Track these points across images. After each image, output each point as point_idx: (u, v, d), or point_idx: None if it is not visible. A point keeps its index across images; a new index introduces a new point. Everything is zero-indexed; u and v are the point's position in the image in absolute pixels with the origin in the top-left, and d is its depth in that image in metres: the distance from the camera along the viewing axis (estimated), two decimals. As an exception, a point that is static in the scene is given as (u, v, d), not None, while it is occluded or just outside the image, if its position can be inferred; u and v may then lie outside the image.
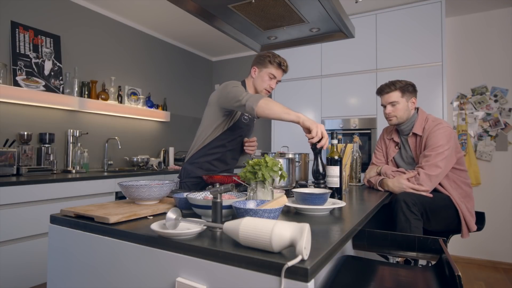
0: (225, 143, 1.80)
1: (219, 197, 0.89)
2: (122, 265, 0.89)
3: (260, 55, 1.86)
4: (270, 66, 1.80)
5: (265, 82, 1.82)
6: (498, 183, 3.21)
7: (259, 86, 1.85)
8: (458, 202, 1.77)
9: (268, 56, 1.81)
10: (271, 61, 1.80)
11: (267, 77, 1.82)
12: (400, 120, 1.92)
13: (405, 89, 1.90)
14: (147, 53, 3.96)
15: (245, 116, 1.86)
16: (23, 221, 2.15)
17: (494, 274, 2.99)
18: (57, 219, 1.06)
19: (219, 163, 1.84)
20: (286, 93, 3.78)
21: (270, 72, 1.81)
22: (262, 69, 1.82)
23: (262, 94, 1.84)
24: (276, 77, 1.83)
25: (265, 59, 1.82)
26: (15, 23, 2.67)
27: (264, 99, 1.47)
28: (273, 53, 1.84)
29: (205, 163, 1.81)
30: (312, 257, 0.68)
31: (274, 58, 1.80)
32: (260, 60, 1.84)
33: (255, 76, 1.85)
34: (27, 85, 2.66)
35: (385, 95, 1.93)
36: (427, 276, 1.07)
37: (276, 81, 1.85)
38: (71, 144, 2.95)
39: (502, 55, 3.24)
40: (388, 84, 1.93)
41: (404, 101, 1.90)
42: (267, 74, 1.81)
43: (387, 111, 1.93)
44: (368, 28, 3.30)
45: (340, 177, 1.42)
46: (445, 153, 1.73)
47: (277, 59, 1.80)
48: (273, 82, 1.84)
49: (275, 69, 1.81)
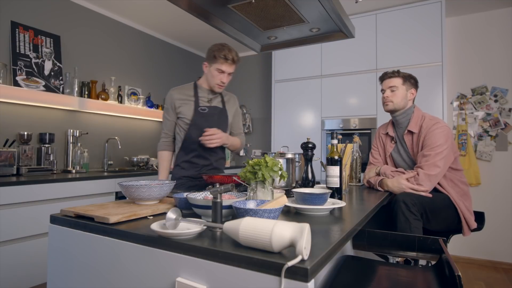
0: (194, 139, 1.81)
1: (219, 197, 0.89)
2: (122, 265, 0.89)
3: (209, 49, 1.80)
4: (217, 60, 1.75)
5: (215, 77, 1.80)
6: (498, 183, 3.21)
7: (211, 82, 1.83)
8: (457, 200, 1.77)
9: (214, 50, 1.76)
10: (217, 55, 1.75)
11: (216, 72, 1.78)
12: (396, 106, 1.92)
13: (407, 79, 1.94)
14: (147, 53, 3.96)
15: (202, 107, 1.84)
16: (23, 221, 2.15)
17: (494, 274, 2.99)
18: (57, 219, 1.06)
19: (198, 159, 1.86)
20: (286, 93, 3.78)
21: (218, 67, 1.77)
22: (212, 64, 1.78)
23: (215, 89, 1.85)
24: (225, 71, 1.78)
25: (212, 53, 1.77)
26: (15, 23, 2.67)
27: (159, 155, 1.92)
28: (221, 46, 1.77)
29: (185, 162, 1.87)
30: (312, 257, 0.68)
31: (220, 52, 1.74)
32: (209, 55, 1.79)
33: (206, 71, 1.84)
34: (27, 85, 2.66)
35: (387, 79, 1.97)
36: (427, 276, 1.07)
37: (227, 75, 1.81)
38: (71, 144, 2.95)
39: (502, 55, 3.24)
40: (392, 71, 1.98)
41: (404, 89, 1.92)
42: (216, 69, 1.78)
43: (385, 94, 1.96)
44: (368, 28, 3.30)
45: (340, 177, 1.42)
46: (444, 153, 1.73)
47: (223, 52, 1.74)
48: (224, 77, 1.80)
49: (222, 63, 1.76)
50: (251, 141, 4.64)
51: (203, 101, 1.87)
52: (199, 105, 1.84)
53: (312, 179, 1.45)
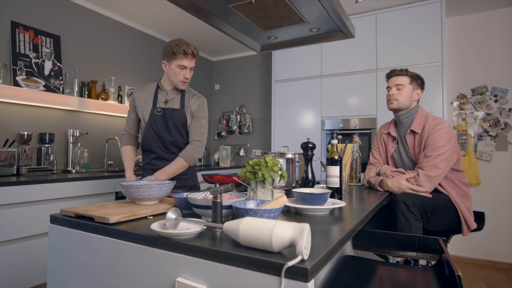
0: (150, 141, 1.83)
1: (219, 197, 0.89)
2: (122, 265, 0.89)
3: (165, 47, 1.77)
4: (176, 57, 1.72)
5: (177, 74, 1.76)
6: (498, 183, 3.21)
7: (174, 79, 1.78)
8: (457, 201, 1.77)
9: (172, 47, 1.72)
10: (175, 51, 1.71)
11: (178, 69, 1.74)
12: (400, 105, 1.90)
13: (415, 78, 1.92)
14: (147, 53, 3.96)
15: (158, 108, 1.82)
16: (23, 221, 2.15)
17: (494, 274, 2.99)
18: (57, 219, 1.06)
19: (157, 161, 1.86)
20: (286, 93, 3.78)
21: (179, 63, 1.73)
22: (171, 61, 1.74)
23: (179, 86, 1.81)
24: (186, 66, 1.74)
25: (170, 50, 1.73)
26: (15, 23, 2.67)
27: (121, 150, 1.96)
28: (178, 41, 1.73)
29: (147, 165, 1.90)
30: (312, 257, 0.68)
31: (178, 47, 1.71)
32: (167, 53, 1.75)
33: (167, 70, 1.79)
34: (27, 85, 2.66)
35: (394, 77, 1.94)
36: (427, 276, 1.07)
37: (189, 70, 1.77)
38: (71, 144, 2.95)
39: (502, 55, 3.24)
40: (400, 69, 1.96)
41: (410, 88, 1.90)
42: (177, 66, 1.74)
43: (391, 92, 1.93)
44: (368, 28, 3.30)
45: (340, 177, 1.42)
46: (446, 154, 1.72)
47: (181, 47, 1.71)
48: (186, 72, 1.76)
49: (182, 59, 1.72)
50: (251, 141, 4.64)
51: (160, 102, 1.84)
52: (156, 106, 1.82)
53: (312, 179, 1.45)
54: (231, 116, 4.75)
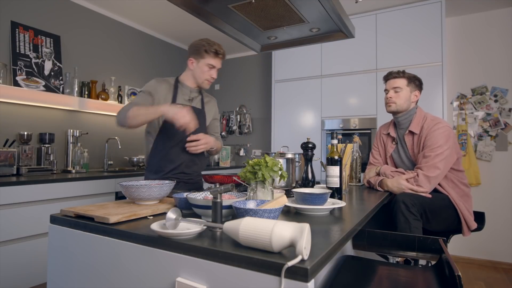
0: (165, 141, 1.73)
1: (219, 197, 0.89)
2: (122, 265, 0.89)
3: (195, 44, 1.75)
4: (207, 55, 1.72)
5: (205, 73, 1.75)
6: (498, 183, 3.21)
7: (199, 78, 1.77)
8: (457, 201, 1.77)
9: (204, 46, 1.71)
10: (207, 50, 1.71)
11: (206, 68, 1.74)
12: (398, 108, 1.91)
13: (412, 80, 1.91)
14: (147, 53, 3.96)
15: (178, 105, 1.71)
16: (23, 221, 2.15)
17: (494, 274, 2.99)
18: (57, 219, 1.06)
19: (165, 162, 1.74)
20: (286, 93, 3.78)
21: (208, 62, 1.73)
22: (200, 59, 1.74)
23: (204, 85, 1.80)
24: (215, 66, 1.75)
25: (201, 48, 1.72)
26: (15, 23, 2.67)
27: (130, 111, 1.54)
28: (208, 40, 1.74)
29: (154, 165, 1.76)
30: (312, 257, 0.68)
31: (210, 46, 1.71)
32: (196, 50, 1.74)
33: (193, 68, 1.77)
34: (27, 85, 2.66)
35: (391, 80, 1.94)
36: (427, 276, 1.07)
37: (216, 70, 1.78)
38: (71, 144, 2.95)
39: (502, 55, 3.24)
40: (397, 71, 1.94)
41: (408, 90, 1.90)
42: (206, 64, 1.73)
43: (388, 95, 1.93)
44: (368, 28, 3.30)
45: (340, 177, 1.42)
46: (445, 154, 1.72)
47: (213, 47, 1.71)
48: (213, 72, 1.76)
49: (212, 58, 1.73)
50: (251, 141, 4.64)
51: (182, 99, 1.79)
52: (176, 102, 1.75)
53: (312, 179, 1.45)
54: (231, 116, 4.75)
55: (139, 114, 1.54)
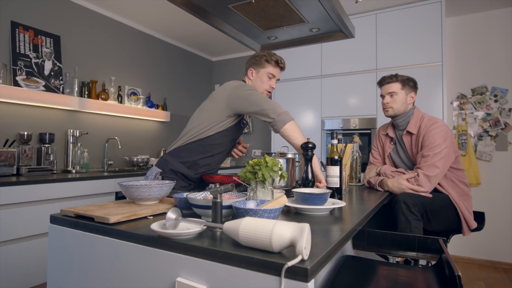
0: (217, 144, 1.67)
1: (219, 197, 0.89)
2: (122, 265, 0.89)
3: (255, 55, 1.78)
4: (268, 65, 1.74)
5: (265, 83, 1.76)
6: (498, 183, 3.21)
7: (259, 87, 1.77)
8: (457, 200, 1.77)
9: (265, 56, 1.74)
10: (269, 60, 1.73)
11: (266, 77, 1.76)
12: (396, 112, 1.92)
13: (406, 82, 1.92)
14: (147, 53, 3.96)
15: (244, 121, 1.75)
16: (23, 221, 2.15)
17: (494, 274, 2.99)
18: (57, 219, 1.06)
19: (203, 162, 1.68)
20: (286, 93, 3.78)
21: (269, 72, 1.75)
22: (260, 69, 1.75)
23: (264, 95, 1.75)
24: (275, 76, 1.78)
25: (262, 58, 1.75)
26: (15, 23, 2.67)
27: (292, 123, 1.53)
28: (269, 51, 1.77)
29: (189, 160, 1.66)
30: (312, 257, 0.68)
31: (271, 56, 1.73)
32: (257, 61, 1.76)
33: (253, 78, 1.78)
34: (27, 85, 2.66)
35: (386, 85, 1.96)
36: (427, 276, 1.07)
37: (275, 80, 1.80)
38: (71, 144, 2.95)
39: (502, 55, 3.24)
40: (390, 75, 1.96)
41: (403, 93, 1.91)
42: (266, 74, 1.75)
43: (385, 101, 1.95)
44: (368, 28, 3.30)
45: (340, 177, 1.42)
46: (443, 153, 1.73)
47: (274, 57, 1.74)
48: (273, 82, 1.79)
49: (273, 68, 1.75)
50: (251, 141, 4.64)
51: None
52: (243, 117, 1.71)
53: (312, 179, 1.44)
54: (231, 116, 4.75)
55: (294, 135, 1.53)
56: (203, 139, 1.64)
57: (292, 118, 1.55)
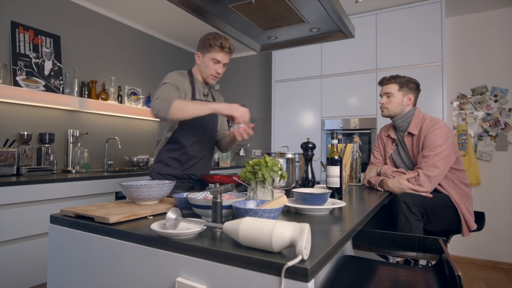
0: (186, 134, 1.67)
1: (219, 197, 0.89)
2: (122, 265, 0.89)
3: (202, 38, 1.69)
4: (212, 49, 1.64)
5: (209, 67, 1.67)
6: (498, 183, 3.21)
7: (204, 73, 1.71)
8: (457, 201, 1.77)
9: (209, 39, 1.64)
10: (212, 43, 1.63)
11: (211, 62, 1.67)
12: (391, 112, 1.94)
13: (405, 84, 1.93)
14: (147, 53, 3.96)
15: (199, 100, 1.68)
16: (23, 221, 2.15)
17: (494, 274, 2.99)
18: (57, 219, 1.06)
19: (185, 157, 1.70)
20: (286, 93, 3.78)
21: (213, 56, 1.65)
22: (205, 54, 1.67)
23: (209, 81, 1.73)
24: (221, 61, 1.67)
25: (206, 42, 1.65)
26: (15, 23, 2.67)
27: (175, 103, 1.44)
28: (216, 34, 1.66)
29: (171, 159, 1.70)
30: (312, 257, 0.68)
31: (215, 40, 1.63)
32: (202, 44, 1.67)
33: (200, 62, 1.71)
34: (27, 85, 2.66)
35: (384, 86, 1.99)
36: (427, 276, 1.07)
37: (222, 65, 1.70)
38: (71, 144, 2.95)
39: (502, 55, 3.24)
40: (390, 76, 1.98)
41: (400, 95, 1.93)
42: (210, 59, 1.66)
43: (381, 101, 1.99)
44: (368, 28, 3.30)
45: (340, 177, 1.42)
46: (444, 153, 1.73)
47: (219, 40, 1.63)
48: (219, 67, 1.69)
49: (217, 52, 1.64)
50: (251, 141, 4.64)
51: (199, 94, 1.74)
52: (196, 97, 1.69)
53: (312, 179, 1.45)
54: (231, 116, 4.75)
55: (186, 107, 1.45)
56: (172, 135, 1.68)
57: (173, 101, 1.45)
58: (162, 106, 1.46)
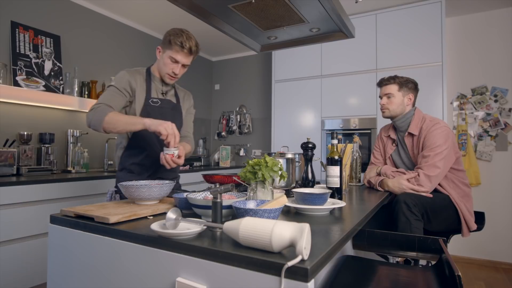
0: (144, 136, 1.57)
1: (219, 197, 0.89)
2: (122, 265, 0.89)
3: (166, 32, 1.55)
4: (172, 47, 1.50)
5: (166, 65, 1.54)
6: (498, 183, 3.21)
7: (161, 70, 1.58)
8: (457, 201, 1.77)
9: (170, 35, 1.50)
10: (172, 41, 1.48)
11: (169, 61, 1.53)
12: (392, 113, 1.94)
13: (404, 84, 1.93)
14: (147, 53, 3.96)
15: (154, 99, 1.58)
16: (23, 221, 2.15)
17: (494, 274, 2.99)
18: (57, 219, 1.06)
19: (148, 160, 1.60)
20: (286, 93, 3.78)
21: (172, 55, 1.51)
22: (165, 50, 1.53)
23: (165, 80, 1.61)
24: (179, 61, 1.53)
25: (167, 37, 1.51)
26: (15, 23, 2.67)
27: (108, 116, 1.38)
28: (179, 31, 1.51)
29: (135, 165, 1.60)
30: (312, 257, 0.68)
31: (177, 37, 1.48)
32: (164, 39, 1.53)
33: (160, 58, 1.58)
34: (27, 85, 2.66)
35: (383, 87, 1.98)
36: (427, 276, 1.07)
37: (181, 66, 1.56)
38: (71, 144, 2.95)
39: (502, 55, 3.24)
40: (388, 77, 1.98)
41: (400, 95, 1.92)
42: (169, 57, 1.52)
43: (381, 102, 1.98)
44: (368, 28, 3.30)
45: (340, 177, 1.42)
46: (444, 153, 1.73)
47: (179, 39, 1.48)
48: (176, 67, 1.54)
49: (177, 52, 1.50)
50: (251, 141, 4.64)
51: (156, 92, 1.63)
52: (151, 96, 1.58)
53: (312, 179, 1.45)
54: (231, 116, 4.75)
55: (118, 121, 1.39)
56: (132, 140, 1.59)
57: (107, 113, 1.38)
58: (94, 118, 1.40)
